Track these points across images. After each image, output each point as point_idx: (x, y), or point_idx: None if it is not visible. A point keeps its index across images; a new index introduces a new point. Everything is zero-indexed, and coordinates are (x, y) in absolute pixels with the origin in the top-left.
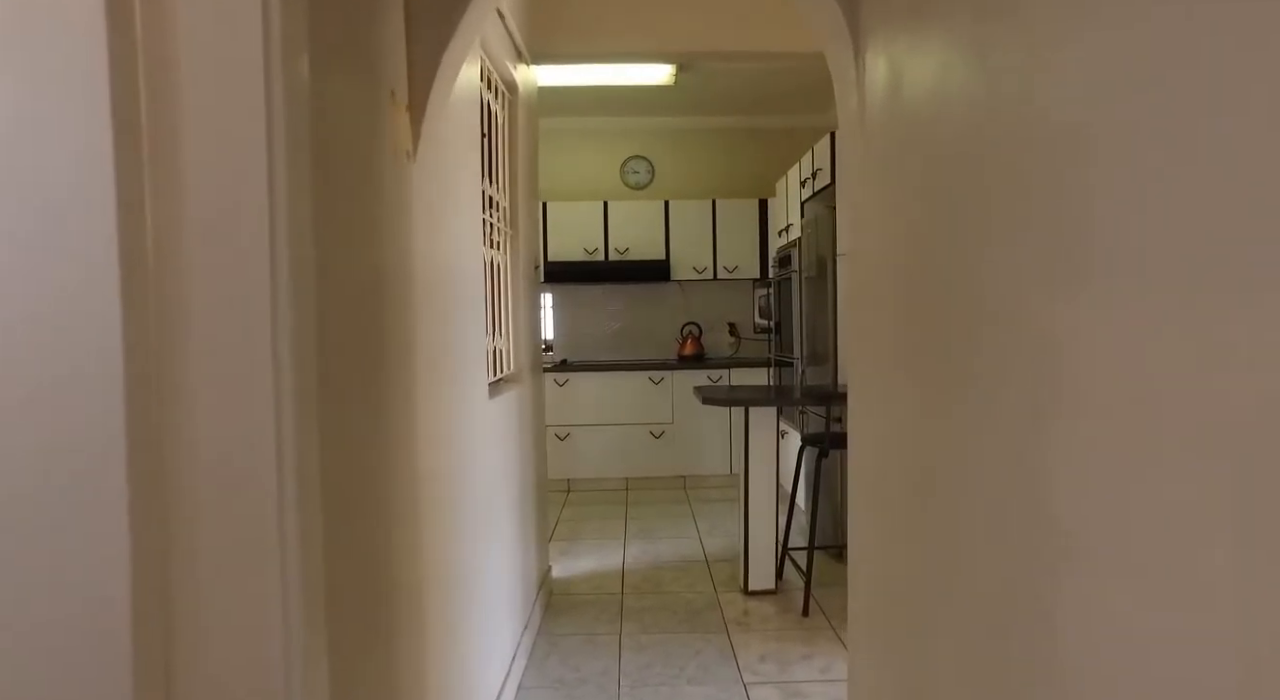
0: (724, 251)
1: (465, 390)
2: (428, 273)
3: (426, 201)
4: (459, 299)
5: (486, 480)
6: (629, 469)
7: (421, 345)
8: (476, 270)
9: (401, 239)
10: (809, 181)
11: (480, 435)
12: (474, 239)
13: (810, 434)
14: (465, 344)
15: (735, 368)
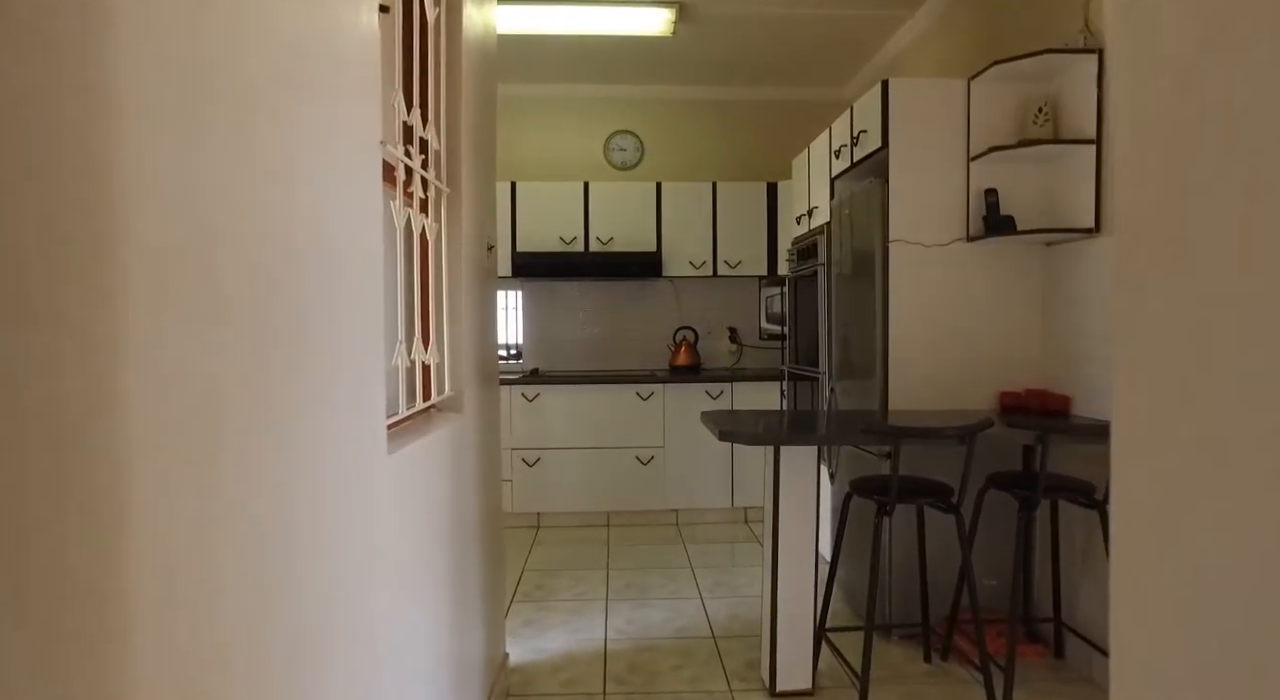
0: (725, 244)
1: (319, 453)
2: (194, 230)
3: (177, 69)
4: (321, 290)
5: (383, 574)
6: (611, 501)
7: (162, 380)
8: (369, 239)
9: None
10: (845, 150)
11: (361, 512)
12: (365, 184)
13: (864, 480)
14: (333, 371)
15: (738, 382)
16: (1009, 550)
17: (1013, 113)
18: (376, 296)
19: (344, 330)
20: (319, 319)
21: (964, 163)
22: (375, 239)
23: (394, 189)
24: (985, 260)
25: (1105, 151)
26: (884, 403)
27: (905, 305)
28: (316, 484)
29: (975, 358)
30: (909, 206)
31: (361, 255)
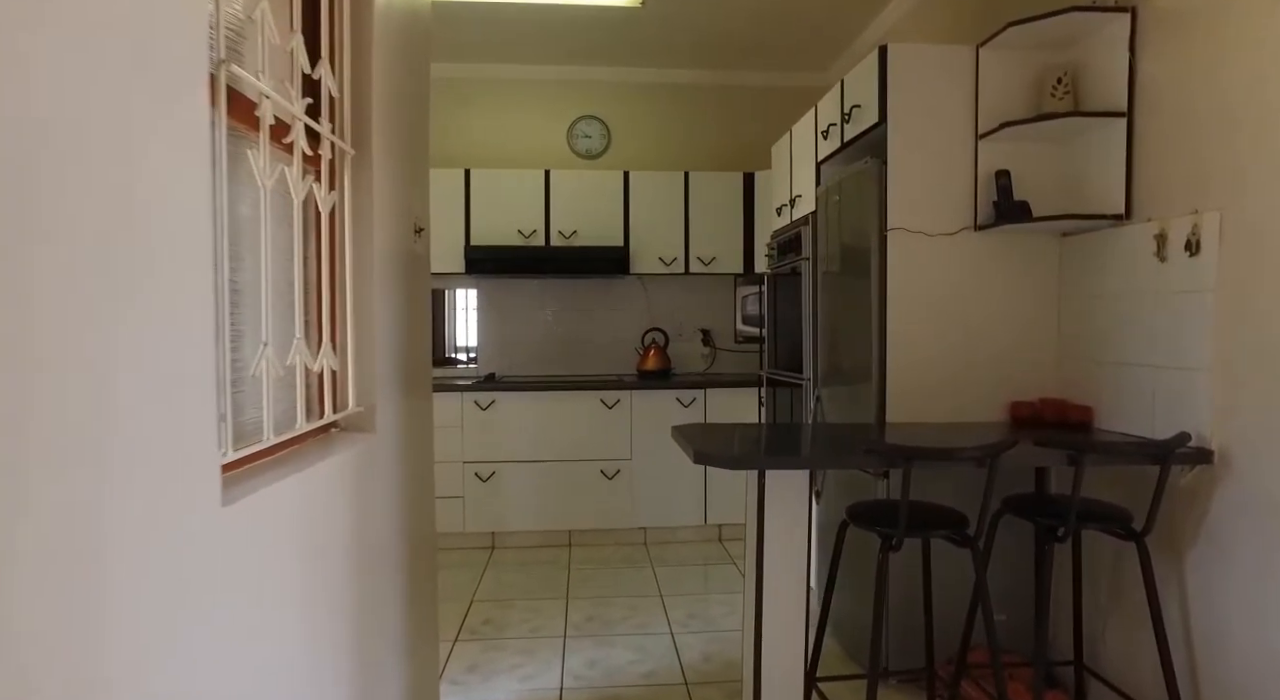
0: (698, 238)
1: (69, 529)
2: None
3: None
4: (69, 273)
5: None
6: (573, 519)
7: None
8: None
9: None
10: (834, 130)
11: (166, 598)
12: (177, 117)
13: (864, 508)
14: (101, 403)
15: (712, 388)
16: (1019, 579)
17: (1027, 85)
18: (202, 285)
19: (129, 337)
20: (62, 321)
21: (972, 141)
22: (198, 199)
23: (295, 156)
24: (996, 252)
25: (1139, 125)
26: (880, 414)
27: (905, 303)
28: (55, 584)
29: (984, 363)
30: (910, 190)
31: (171, 223)
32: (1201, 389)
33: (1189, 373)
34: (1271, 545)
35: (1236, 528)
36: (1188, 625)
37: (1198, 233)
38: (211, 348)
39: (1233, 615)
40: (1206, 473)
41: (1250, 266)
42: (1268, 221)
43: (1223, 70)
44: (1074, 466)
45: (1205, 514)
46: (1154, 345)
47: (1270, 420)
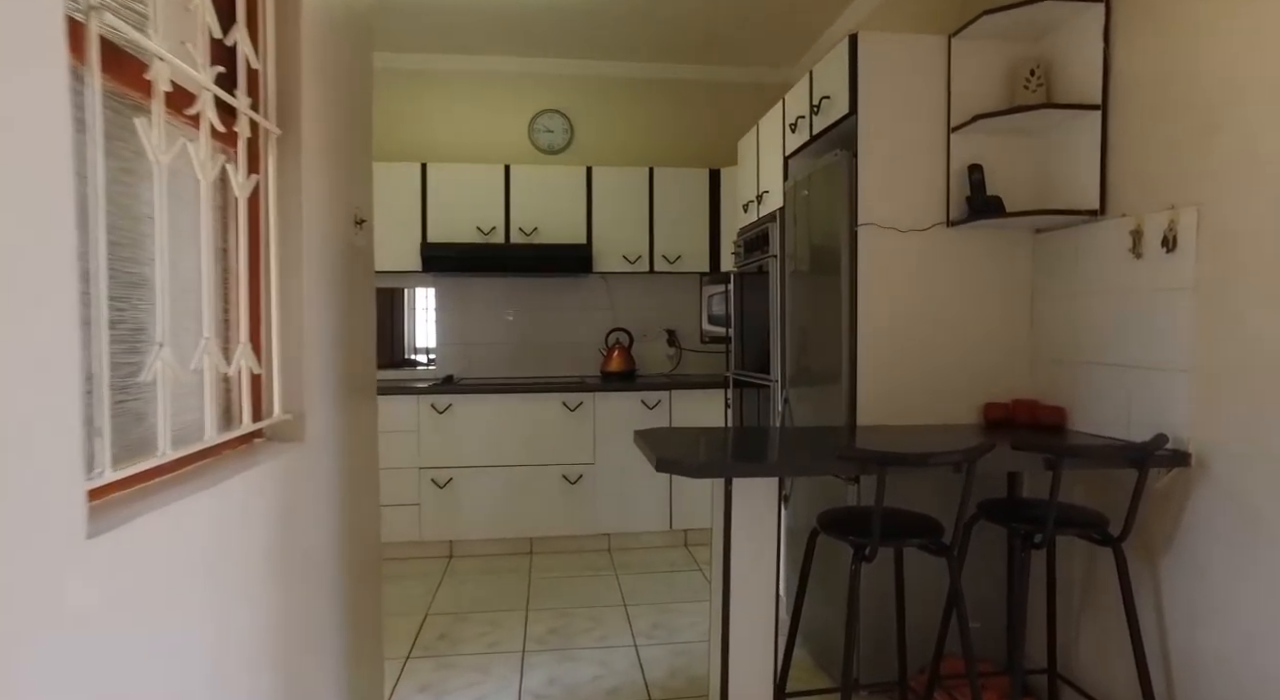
0: (664, 236)
1: None
2: None
3: None
4: None
5: None
6: (535, 526)
7: None
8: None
9: None
10: (802, 122)
11: None
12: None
13: (835, 516)
14: None
15: (678, 389)
16: (992, 584)
17: (1000, 77)
18: (59, 272)
19: None
20: None
21: (944, 134)
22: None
23: (201, 130)
24: (969, 249)
25: (1113, 119)
26: (851, 416)
27: (877, 302)
28: None
29: (957, 363)
30: (881, 184)
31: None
32: (1178, 390)
33: (1165, 373)
34: (1247, 550)
35: (1213, 532)
36: (1163, 632)
37: (1175, 229)
38: (75, 347)
39: (1208, 622)
40: (1183, 476)
41: (1229, 264)
42: (1247, 218)
43: (1197, 62)
44: (1051, 471)
45: (1181, 518)
46: (1129, 344)
47: (1249, 422)
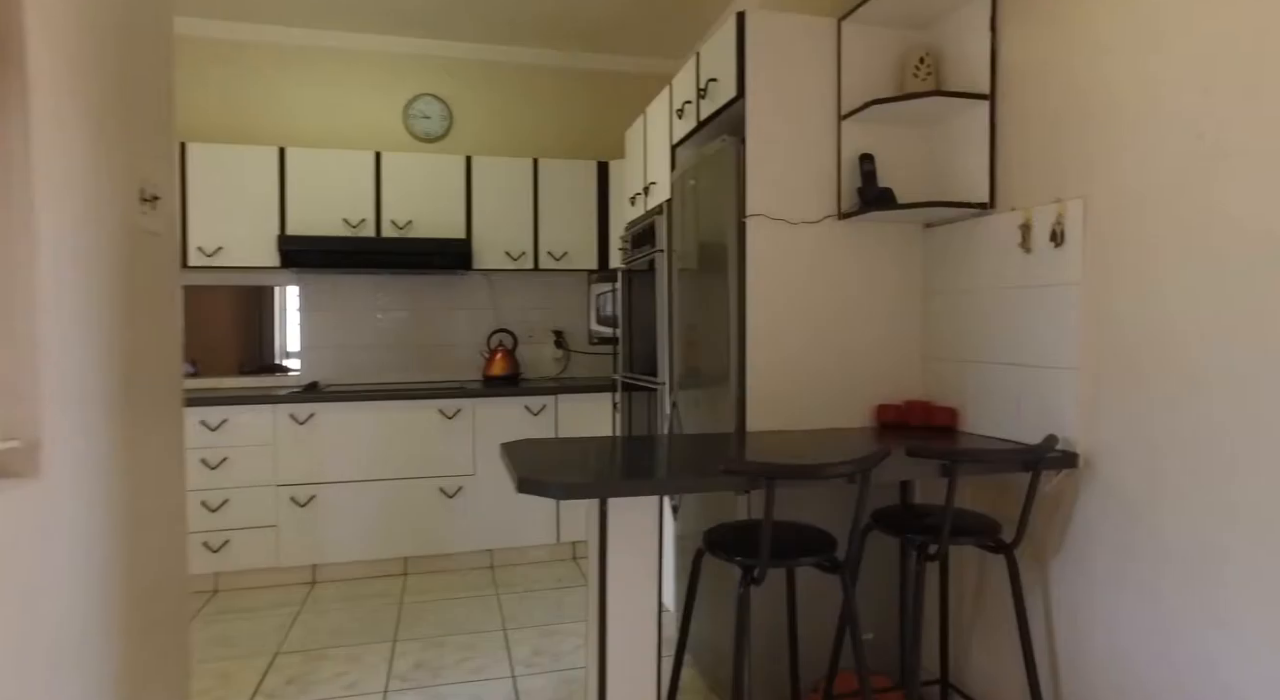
0: (549, 231)
1: None
2: None
3: None
4: None
5: None
6: (409, 544)
7: None
8: None
9: None
10: (689, 108)
11: None
12: None
13: (721, 534)
14: None
15: (565, 394)
16: (884, 593)
17: (890, 64)
18: None
19: None
20: None
21: (835, 121)
22: None
23: None
24: (860, 242)
25: (1001, 109)
26: (740, 422)
27: (766, 298)
28: None
29: (850, 363)
30: (771, 173)
31: None
32: (1066, 389)
33: (1054, 371)
34: (1129, 550)
35: (1098, 534)
36: (1051, 637)
37: (1062, 223)
38: None
39: (1093, 624)
40: (1070, 477)
41: (1112, 258)
42: (1129, 210)
43: (1073, 54)
44: (947, 478)
45: (1069, 521)
46: (1019, 342)
47: (1131, 420)
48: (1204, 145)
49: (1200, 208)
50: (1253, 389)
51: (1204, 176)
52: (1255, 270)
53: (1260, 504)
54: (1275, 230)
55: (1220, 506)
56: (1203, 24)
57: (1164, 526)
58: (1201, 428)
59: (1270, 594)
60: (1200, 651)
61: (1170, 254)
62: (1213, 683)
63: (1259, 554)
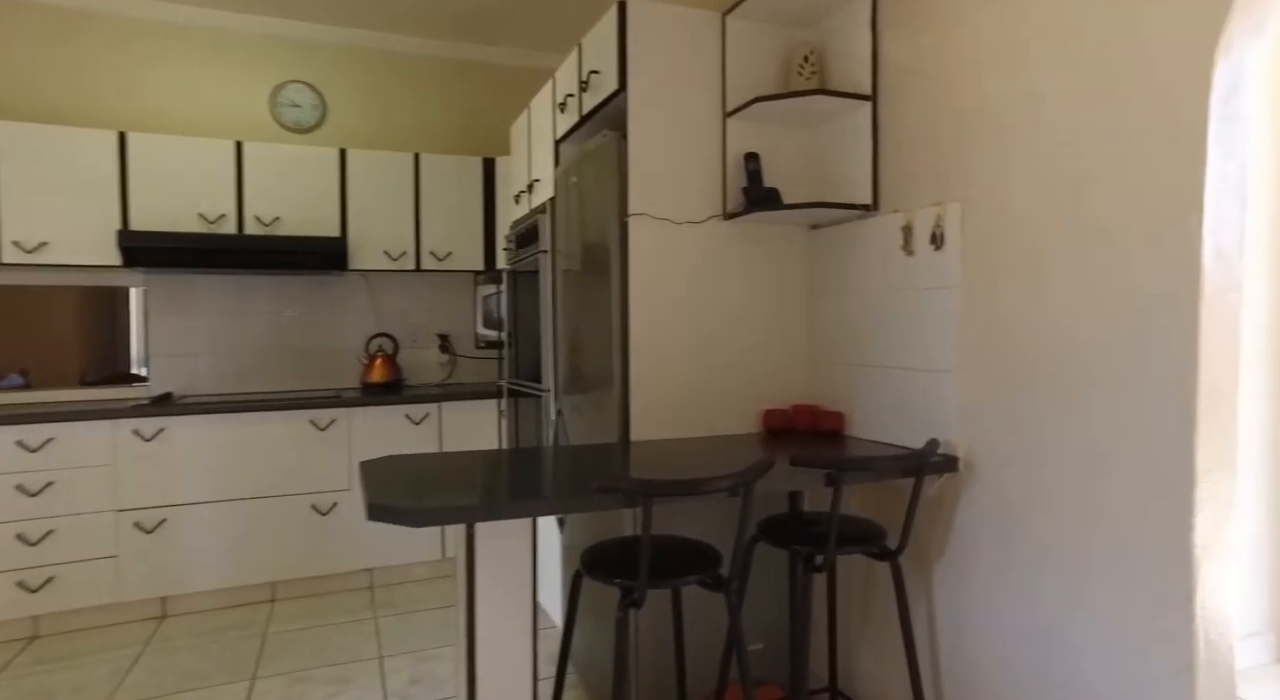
0: (432, 230)
1: None
2: None
3: None
4: None
5: None
6: (277, 568)
7: None
8: None
9: None
10: (571, 102)
11: None
12: None
13: (600, 555)
14: None
15: (450, 401)
16: (774, 601)
17: (775, 62)
18: None
19: None
20: None
21: (720, 119)
22: None
23: None
24: (746, 244)
25: (883, 110)
26: (624, 431)
27: (650, 300)
28: None
29: (736, 367)
30: (654, 171)
31: None
32: (948, 392)
33: (936, 374)
34: (1008, 551)
35: (978, 536)
36: (934, 641)
37: (942, 226)
38: None
39: (975, 626)
40: (953, 481)
41: (991, 261)
42: (1005, 213)
43: (951, 56)
44: (832, 487)
45: (951, 525)
46: (903, 345)
47: (1010, 422)
48: (1077, 154)
49: (1072, 214)
50: (1120, 393)
51: (1075, 184)
52: (1126, 278)
53: (1127, 503)
54: (1144, 239)
55: (1093, 506)
56: (1072, 39)
57: (1041, 527)
58: (1075, 430)
59: (1130, 590)
60: (1070, 646)
61: (1045, 259)
62: (1078, 677)
63: (1124, 552)
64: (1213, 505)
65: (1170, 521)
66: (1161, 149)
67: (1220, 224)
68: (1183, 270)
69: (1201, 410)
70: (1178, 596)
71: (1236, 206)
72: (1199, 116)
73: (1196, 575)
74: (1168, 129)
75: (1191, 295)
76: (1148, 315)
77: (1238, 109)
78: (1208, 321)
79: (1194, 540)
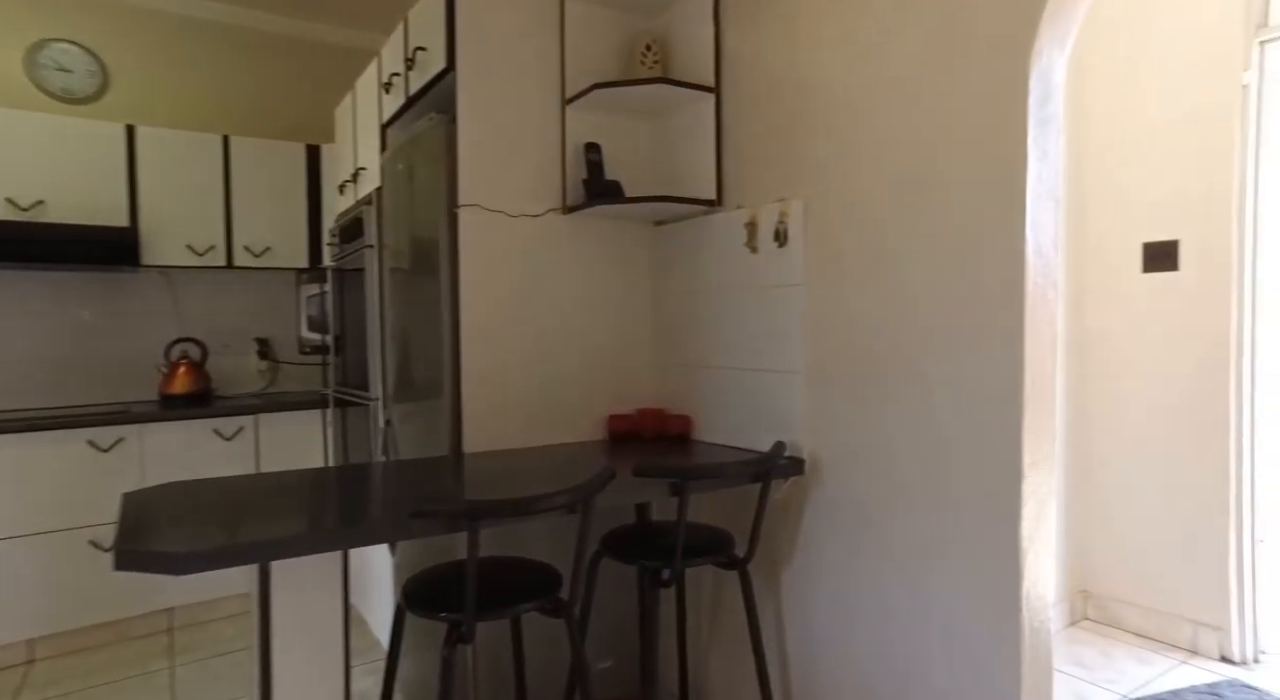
0: (246, 222)
1: None
2: None
3: None
4: None
5: None
6: (37, 622)
7: None
8: None
9: None
10: (397, 82)
11: None
12: None
13: (423, 586)
14: None
15: (268, 412)
16: (625, 612)
17: (617, 50)
18: None
19: None
20: None
21: (559, 106)
22: None
23: None
24: (588, 239)
25: (727, 104)
26: (456, 441)
27: (483, 299)
28: None
29: (579, 370)
30: (486, 158)
31: None
32: (794, 392)
33: (784, 375)
34: (855, 551)
35: (825, 538)
36: (783, 648)
37: (785, 221)
38: None
39: (823, 629)
40: (799, 484)
41: (834, 259)
42: (849, 209)
43: (795, 51)
44: (678, 497)
45: (799, 529)
46: (750, 346)
47: (856, 423)
48: (916, 150)
49: (912, 211)
50: (961, 390)
51: (916, 181)
52: (962, 276)
53: (969, 499)
54: (976, 238)
55: (938, 503)
56: (910, 33)
57: (887, 526)
58: (920, 428)
59: (971, 583)
60: (915, 641)
61: (888, 256)
62: (922, 672)
63: (968, 547)
64: (1035, 500)
65: (1004, 515)
66: (991, 148)
67: (1038, 224)
68: (1011, 269)
69: (1028, 406)
70: (1008, 587)
71: (1051, 208)
72: (1019, 119)
73: (1023, 566)
74: (995, 126)
75: (1018, 293)
76: (983, 313)
77: (1051, 113)
78: (1031, 319)
79: (1022, 532)
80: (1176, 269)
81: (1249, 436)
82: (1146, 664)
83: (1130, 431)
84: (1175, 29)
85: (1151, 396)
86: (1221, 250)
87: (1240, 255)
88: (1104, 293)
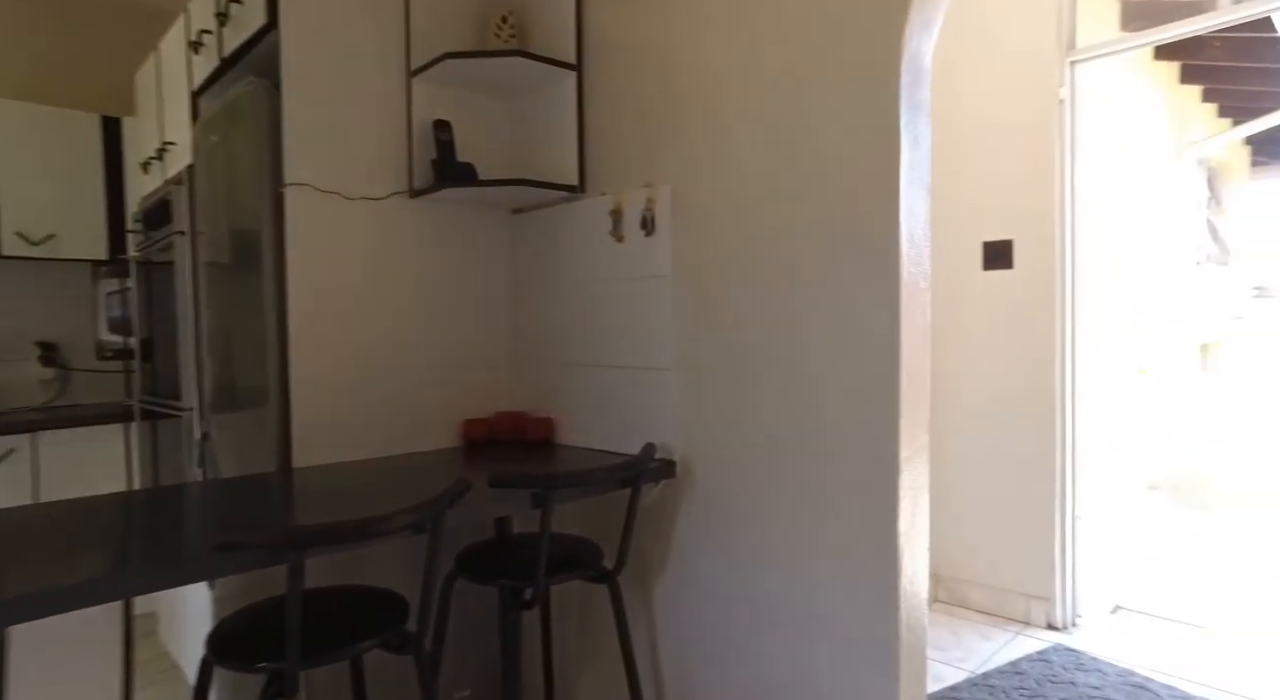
0: (20, 205)
1: None
2: None
3: None
4: None
5: None
6: None
7: None
8: None
9: None
10: (209, 41)
11: None
12: None
13: (235, 632)
14: None
15: (52, 429)
16: (486, 633)
17: (469, 20)
18: None
19: None
20: None
21: (404, 79)
22: None
23: None
24: (438, 226)
25: (589, 83)
26: (285, 456)
27: (314, 292)
28: None
29: (428, 372)
30: (318, 132)
31: None
32: (664, 391)
33: (653, 373)
34: (731, 556)
35: (699, 544)
36: (658, 665)
37: (652, 208)
38: None
39: (698, 639)
40: (671, 487)
41: (703, 249)
42: (720, 196)
43: (668, 32)
44: (540, 509)
45: (671, 535)
46: (616, 342)
47: (729, 419)
48: (792, 135)
49: (788, 199)
50: (839, 385)
51: (790, 167)
52: (838, 266)
53: (848, 495)
54: (851, 226)
55: (817, 502)
56: (785, 11)
57: (764, 528)
58: (797, 425)
59: (852, 581)
60: (801, 646)
61: (761, 246)
62: (809, 687)
63: (847, 545)
64: (911, 493)
65: (881, 510)
66: (866, 135)
67: (911, 213)
68: (885, 257)
69: (904, 399)
70: (887, 583)
71: (923, 196)
72: (892, 103)
73: (901, 560)
74: (868, 110)
75: (893, 282)
76: (859, 304)
77: (922, 100)
78: (906, 308)
79: (899, 528)
80: (1012, 267)
81: (1070, 424)
82: (989, 639)
83: (970, 423)
84: (999, 47)
85: (987, 388)
86: (1046, 252)
87: (1062, 255)
88: (951, 287)
